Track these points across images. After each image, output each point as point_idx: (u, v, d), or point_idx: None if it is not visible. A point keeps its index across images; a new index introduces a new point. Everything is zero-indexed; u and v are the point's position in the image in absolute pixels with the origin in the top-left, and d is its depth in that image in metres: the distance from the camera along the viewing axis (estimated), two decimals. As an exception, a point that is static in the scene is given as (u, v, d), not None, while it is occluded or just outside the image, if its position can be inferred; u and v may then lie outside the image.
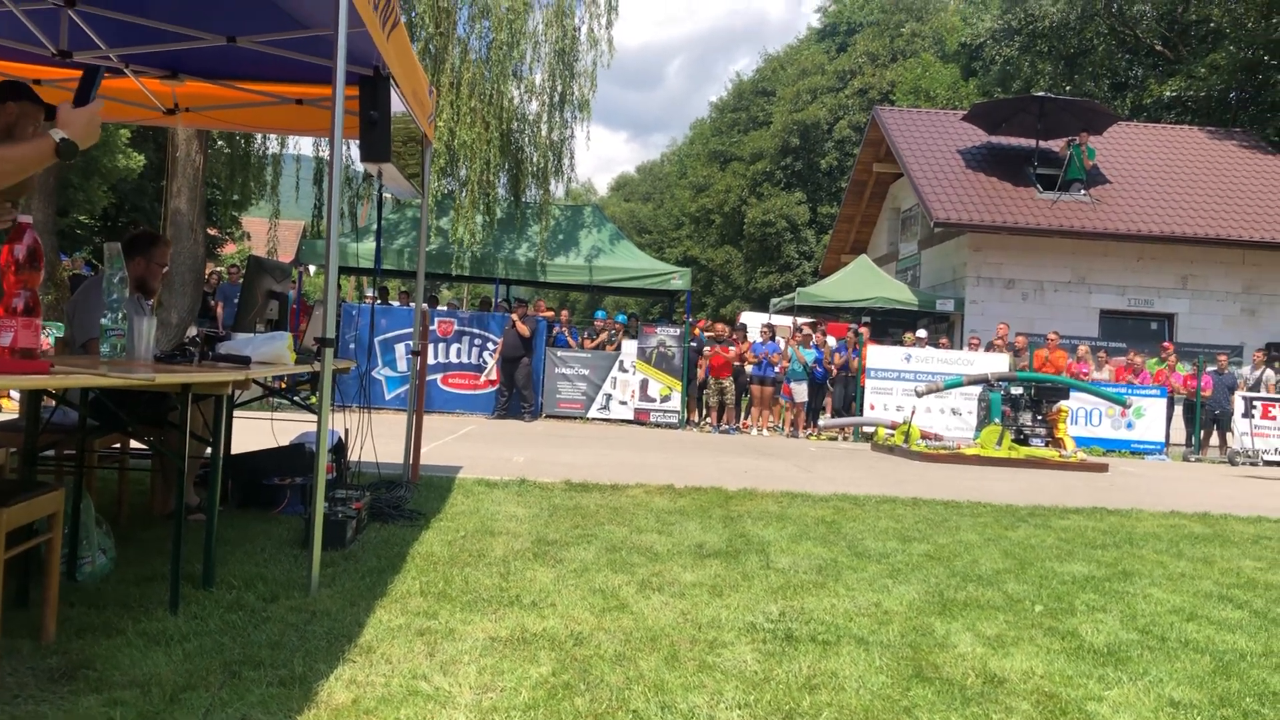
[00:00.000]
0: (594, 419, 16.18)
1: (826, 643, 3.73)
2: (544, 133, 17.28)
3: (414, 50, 6.28)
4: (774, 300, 22.67)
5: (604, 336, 16.95)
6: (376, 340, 15.46)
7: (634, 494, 7.09)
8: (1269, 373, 17.35)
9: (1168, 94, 27.87)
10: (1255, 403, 16.77)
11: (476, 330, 16.26)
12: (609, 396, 16.30)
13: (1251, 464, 16.17)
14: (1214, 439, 17.32)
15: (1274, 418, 16.82)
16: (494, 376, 15.92)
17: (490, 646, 3.46)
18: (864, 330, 17.13)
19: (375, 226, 17.33)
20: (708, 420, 16.67)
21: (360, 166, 15.55)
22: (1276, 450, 16.65)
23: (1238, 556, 6.07)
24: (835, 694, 3.17)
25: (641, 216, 62.03)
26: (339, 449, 6.30)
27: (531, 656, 3.38)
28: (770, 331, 17.35)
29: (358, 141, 5.38)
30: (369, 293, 19.10)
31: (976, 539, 6.11)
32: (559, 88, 17.02)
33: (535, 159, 17.39)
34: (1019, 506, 7.61)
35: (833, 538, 5.88)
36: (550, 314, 16.60)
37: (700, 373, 16.96)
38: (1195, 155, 22.88)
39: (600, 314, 18.18)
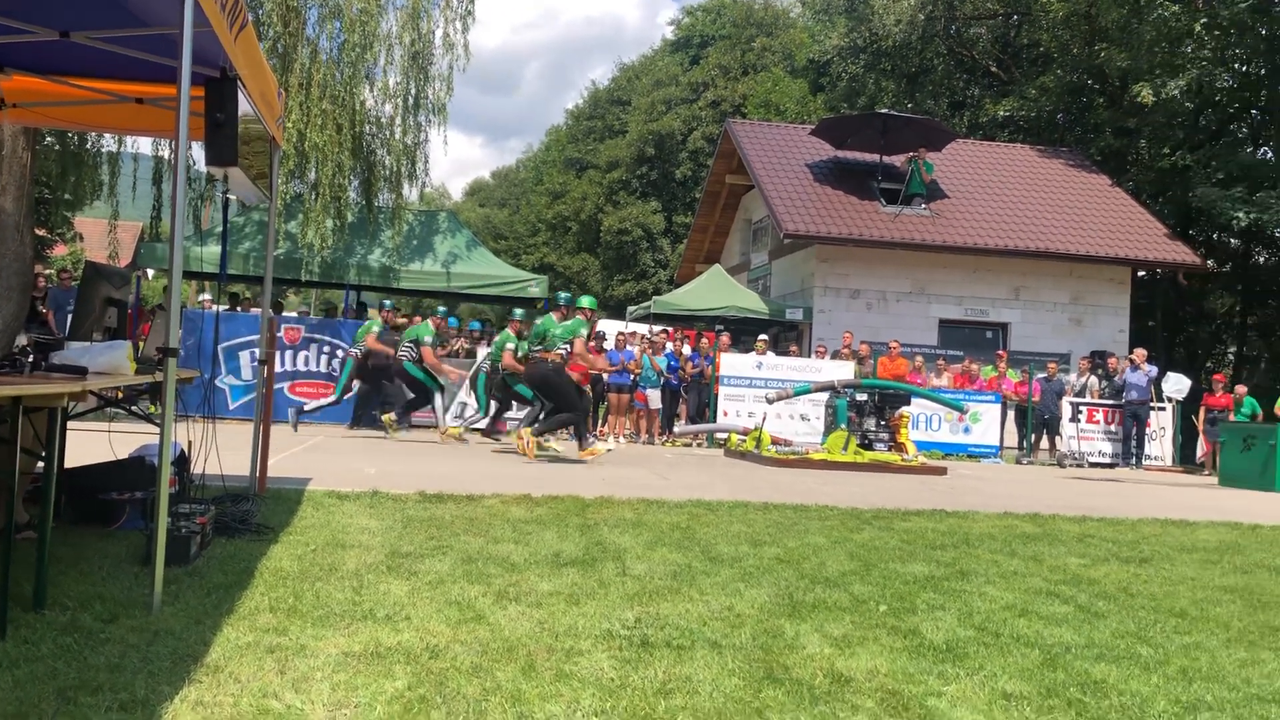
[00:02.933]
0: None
1: (681, 647, 3.80)
2: (398, 136, 17.00)
3: (261, 50, 6.11)
4: (630, 308, 22.86)
5: (457, 345, 16.76)
6: (220, 348, 14.92)
7: (490, 504, 7.06)
8: (1093, 379, 18.41)
9: (1001, 113, 29.26)
10: (1081, 407, 17.78)
11: (326, 337, 15.87)
12: (464, 405, 16.12)
13: (1078, 465, 17.13)
14: (1044, 442, 18.27)
15: (1098, 421, 17.87)
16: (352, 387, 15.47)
17: (344, 662, 3.40)
18: (726, 339, 17.42)
19: (219, 230, 16.76)
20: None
21: (203, 167, 15.01)
22: (1100, 452, 17.69)
23: (1064, 554, 6.44)
24: (690, 698, 3.23)
25: (497, 222, 61.59)
26: (181, 461, 6.08)
27: (386, 671, 3.34)
28: (626, 339, 17.49)
29: (202, 143, 5.21)
30: (204, 296, 18.38)
31: (824, 542, 6.31)
32: (414, 91, 16.76)
33: (389, 162, 17.08)
34: (864, 510, 7.88)
35: (687, 543, 5.98)
36: (404, 320, 16.31)
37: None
38: (1026, 172, 24.12)
39: (454, 322, 17.96)
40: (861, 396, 13.16)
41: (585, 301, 11.68)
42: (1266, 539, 7.77)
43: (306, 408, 14.16)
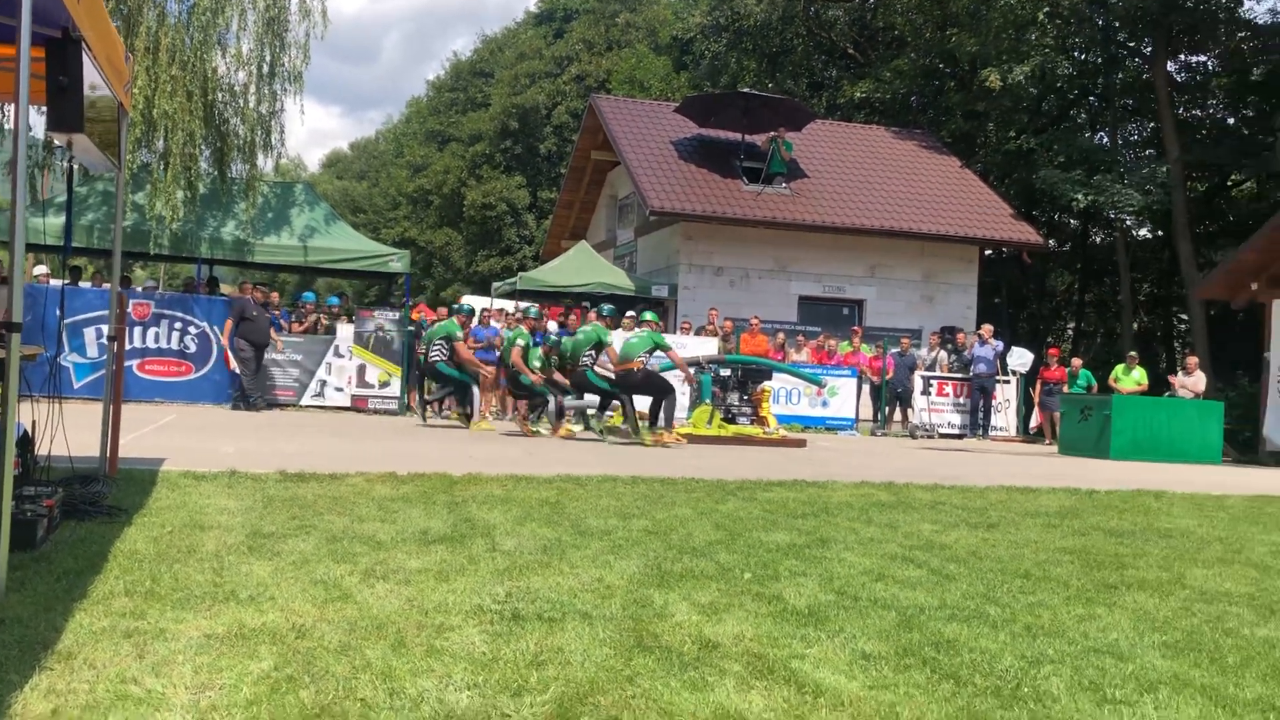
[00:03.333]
0: (308, 406, 15.61)
1: (552, 620, 3.83)
2: (252, 105, 16.39)
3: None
4: (496, 284, 22.69)
5: (313, 320, 16.36)
6: (64, 324, 14.19)
7: (354, 482, 6.94)
8: (942, 354, 19.16)
9: (858, 95, 30.04)
10: (932, 381, 18.48)
11: (178, 313, 15.28)
12: (324, 383, 15.77)
13: (929, 436, 17.82)
14: (897, 415, 18.94)
15: (947, 395, 18.61)
16: (233, 365, 14.88)
17: (206, 644, 3.32)
18: (593, 315, 17.37)
19: (60, 200, 15.89)
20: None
21: (42, 134, 14.21)
22: (950, 424, 18.43)
23: (918, 521, 6.71)
24: (562, 668, 3.27)
25: (356, 195, 60.15)
26: (25, 442, 5.78)
27: (251, 652, 3.27)
28: (490, 315, 17.36)
29: (43, 108, 4.94)
30: (40, 269, 17.41)
31: (691, 513, 6.42)
32: (269, 58, 16.18)
33: (243, 132, 16.46)
34: (728, 481, 8.05)
35: (557, 518, 6.01)
36: (260, 295, 15.80)
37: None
38: (882, 153, 24.85)
39: (310, 296, 17.49)
40: (725, 372, 13.39)
41: (650, 315, 12.90)
42: (1102, 503, 8.25)
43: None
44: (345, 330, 15.96)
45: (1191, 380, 16.49)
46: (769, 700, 3.05)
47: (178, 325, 15.24)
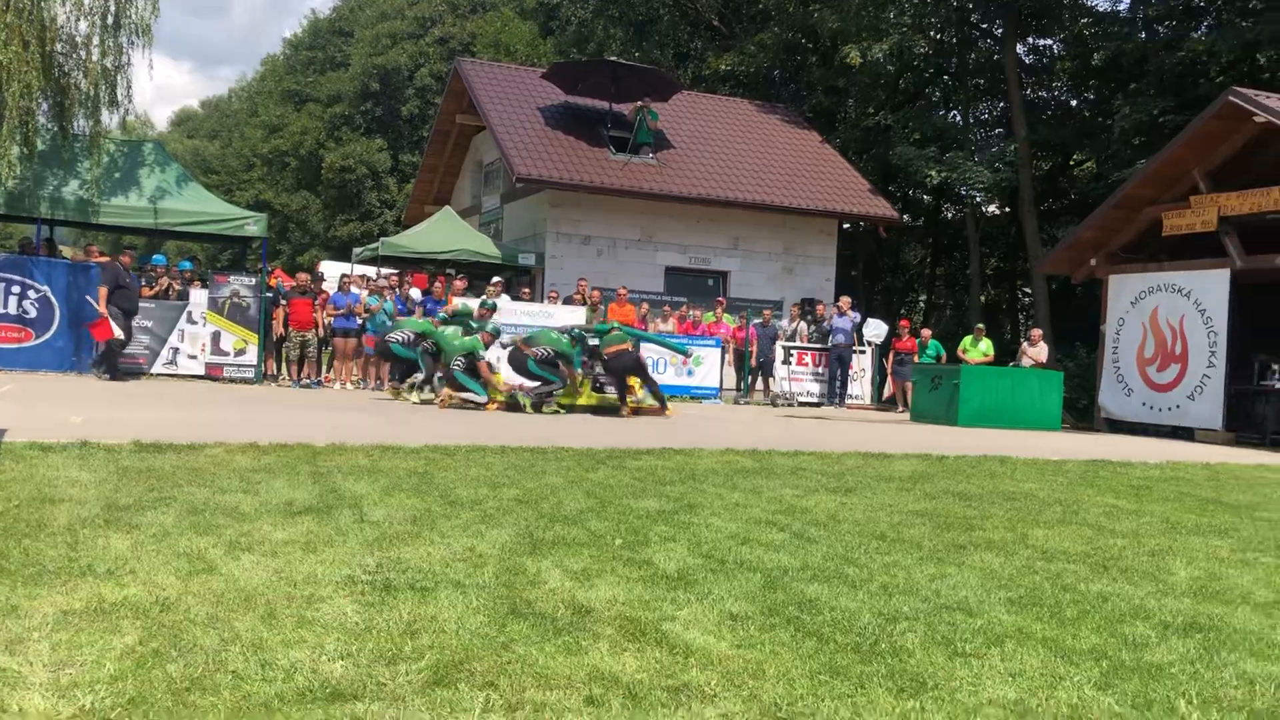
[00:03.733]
0: (160, 375, 15.03)
1: (425, 589, 3.84)
2: (96, 57, 15.52)
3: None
4: (357, 250, 22.17)
5: (164, 284, 15.71)
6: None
7: (214, 453, 6.75)
8: (803, 324, 19.64)
9: (723, 67, 30.32)
10: (792, 351, 18.94)
11: (16, 277, 14.46)
12: (176, 350, 15.20)
13: (789, 405, 18.28)
14: (759, 384, 19.36)
15: (807, 364, 19.10)
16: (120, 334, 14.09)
17: (64, 620, 3.21)
18: (460, 282, 17.15)
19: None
20: (286, 376, 16.10)
21: None
22: (809, 392, 18.94)
23: (780, 486, 6.92)
24: (436, 636, 3.29)
25: (208, 155, 57.80)
26: None
27: (113, 627, 3.18)
28: (351, 282, 16.99)
29: None
30: None
31: (561, 482, 6.48)
32: (113, 8, 15.33)
33: (85, 86, 15.58)
34: (598, 450, 8.12)
35: (425, 488, 5.98)
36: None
37: (278, 325, 16.28)
38: (746, 126, 25.19)
39: (160, 259, 16.77)
40: (594, 341, 13.45)
41: None
42: (951, 468, 8.65)
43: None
44: (199, 295, 15.39)
45: (1035, 350, 17.35)
46: (642, 661, 3.13)
47: (15, 289, 14.43)
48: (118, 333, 13.98)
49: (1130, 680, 3.19)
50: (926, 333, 19.73)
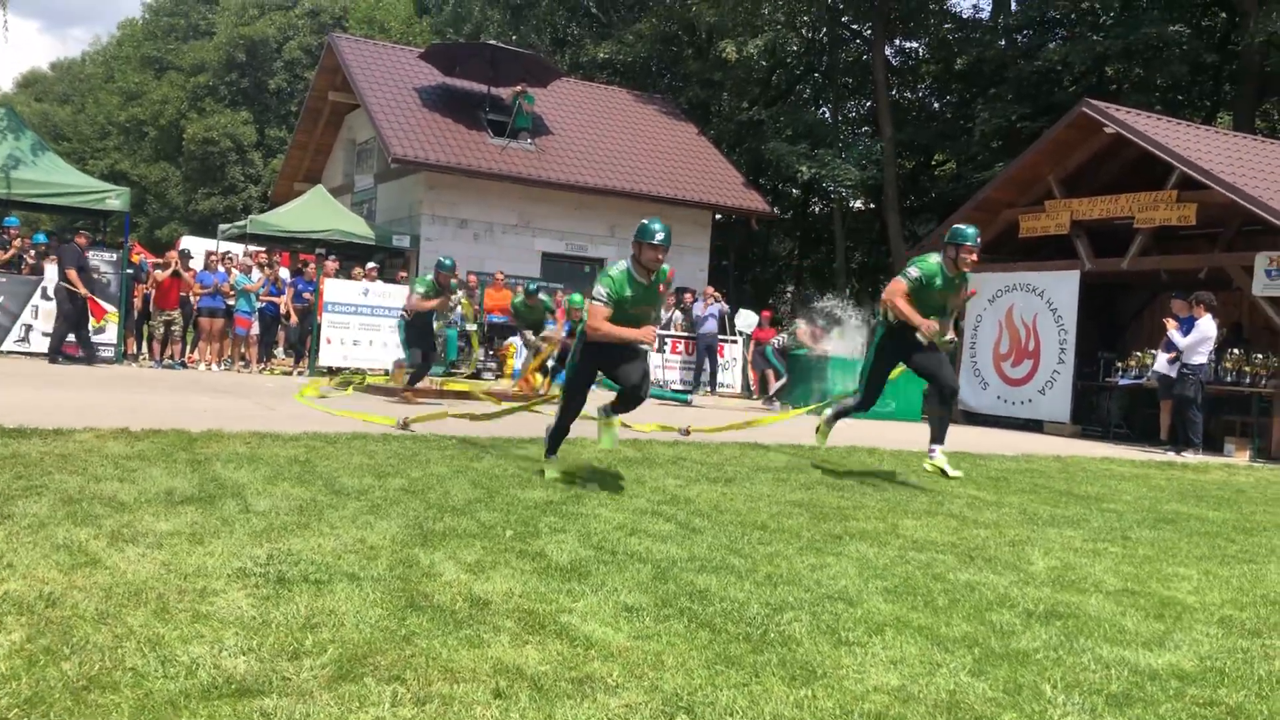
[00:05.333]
0: (11, 353, 14.32)
1: (319, 582, 3.82)
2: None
3: None
4: (223, 227, 21.48)
5: (13, 253, 14.95)
6: None
7: (83, 439, 6.52)
8: (677, 314, 19.91)
9: (601, 55, 30.37)
10: (666, 340, 19.19)
11: None
12: (29, 327, 14.50)
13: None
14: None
15: (679, 353, 19.38)
16: None
17: (-55, 619, 3.11)
18: (331, 264, 16.75)
19: None
20: (147, 355, 15.55)
21: None
22: (681, 381, 19.22)
23: (663, 476, 7.06)
24: (336, 630, 3.30)
25: (58, 121, 54.85)
26: None
27: (-1, 624, 3.09)
28: (219, 259, 16.48)
29: None
30: None
31: (447, 471, 6.48)
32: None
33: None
34: (480, 438, 8.13)
35: (309, 477, 5.91)
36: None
37: (139, 302, 15.69)
38: (624, 115, 25.31)
39: (12, 221, 15.87)
40: (471, 327, 13.40)
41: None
42: (822, 458, 8.94)
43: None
44: (54, 270, 14.72)
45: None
46: (544, 654, 3.21)
47: None
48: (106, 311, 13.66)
49: (1000, 667, 3.42)
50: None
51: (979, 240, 7.48)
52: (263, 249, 18.40)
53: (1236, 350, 14.00)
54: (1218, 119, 26.19)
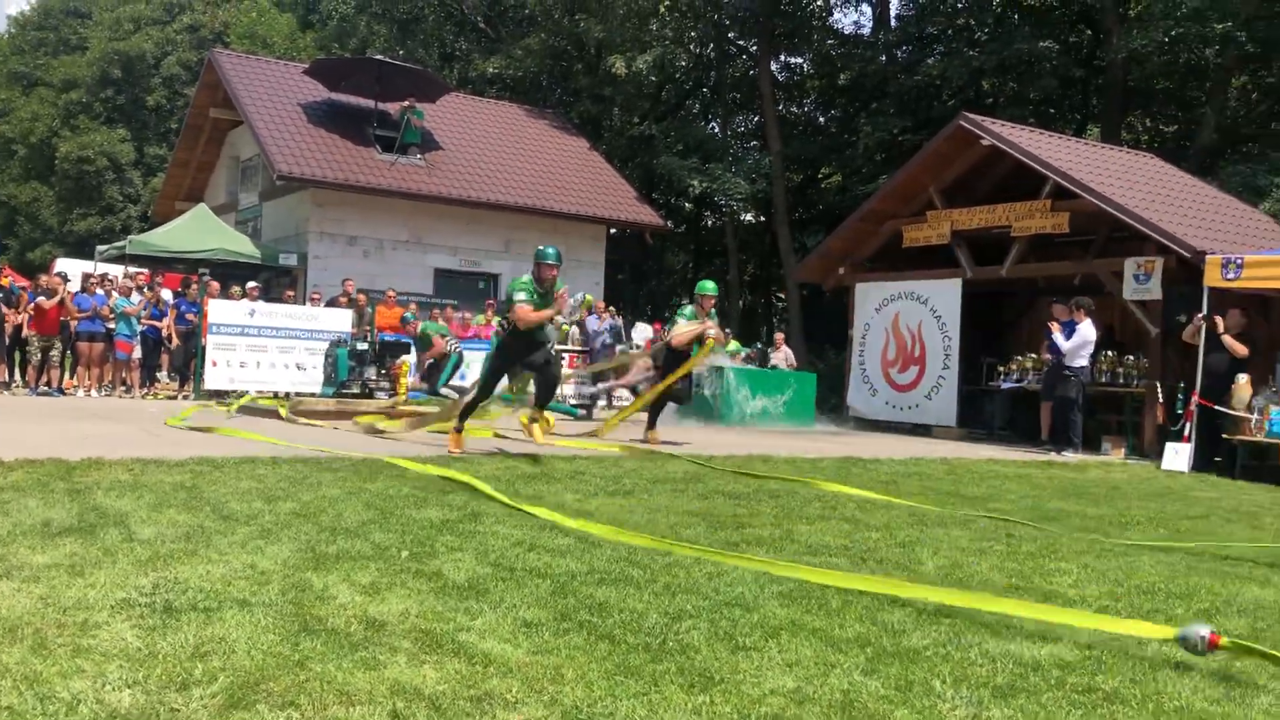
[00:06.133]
0: None
1: (208, 609, 3.73)
2: None
3: None
4: (100, 248, 20.74)
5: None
6: None
7: (-50, 471, 6.23)
8: (574, 329, 19.89)
9: (490, 70, 30.28)
10: (563, 355, 19.14)
11: None
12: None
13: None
14: (531, 387, 19.44)
15: (577, 366, 19.36)
16: None
17: None
18: (213, 284, 16.28)
19: None
20: (20, 383, 14.92)
21: None
22: (579, 395, 19.19)
23: (562, 490, 7.06)
24: (227, 658, 3.22)
25: (-84, 138, 52.33)
26: None
27: None
28: (97, 282, 15.91)
29: None
30: None
31: (339, 493, 6.37)
32: None
33: None
34: (376, 459, 8.01)
35: (196, 503, 5.75)
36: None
37: (9, 327, 15.06)
38: (515, 130, 25.26)
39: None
40: (362, 345, 13.19)
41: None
42: (720, 467, 9.04)
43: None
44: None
45: (781, 354, 18.33)
46: (442, 673, 3.18)
47: None
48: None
49: (892, 665, 3.51)
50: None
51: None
52: (144, 270, 17.83)
53: (1110, 352, 14.61)
54: (1087, 131, 27.34)
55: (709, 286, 11.89)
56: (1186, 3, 20.28)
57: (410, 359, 14.53)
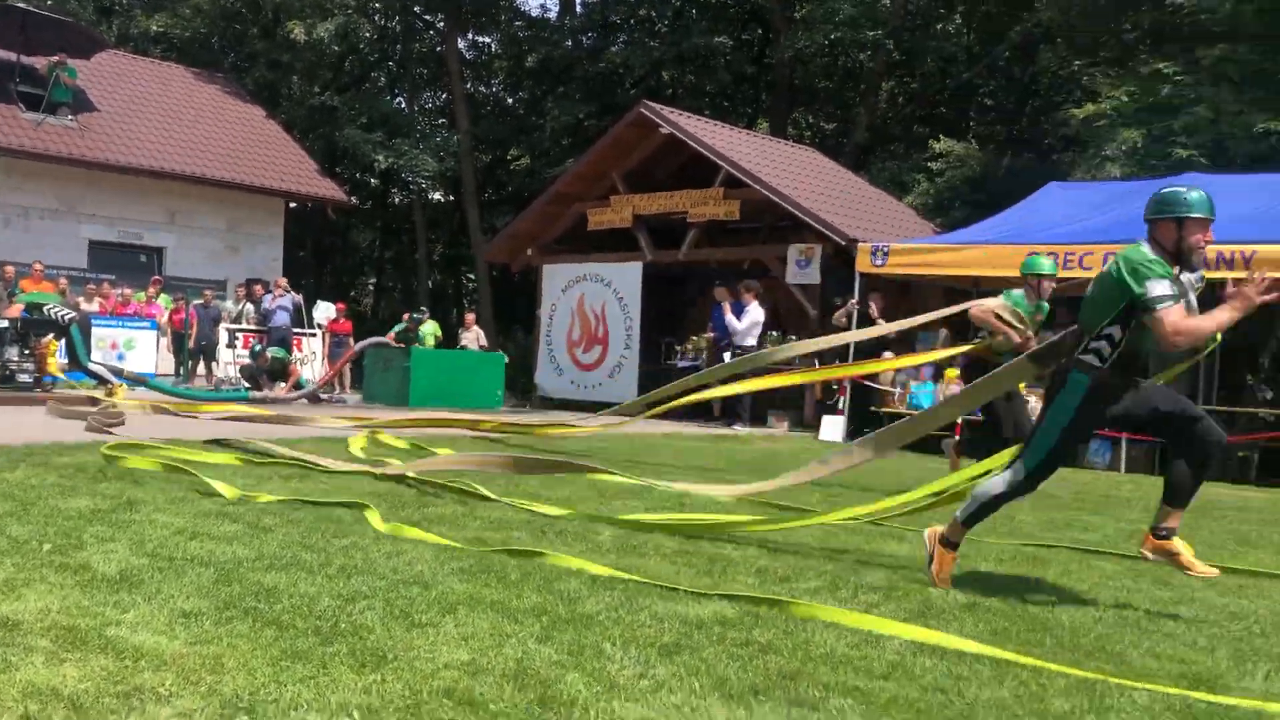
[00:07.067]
0: None
1: None
2: None
3: None
4: None
5: None
6: None
7: None
8: (249, 306, 18.88)
9: (155, 28, 28.09)
10: (238, 334, 18.15)
11: None
12: None
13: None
14: (201, 368, 18.31)
15: (252, 346, 18.40)
16: None
17: None
18: None
19: None
20: None
21: None
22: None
23: (231, 475, 6.68)
24: None
25: None
26: None
27: None
28: None
29: None
30: None
31: (-32, 485, 5.72)
32: None
33: None
34: (15, 446, 7.27)
35: None
36: None
37: None
38: (182, 94, 23.54)
39: None
40: (2, 324, 11.89)
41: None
42: (390, 447, 8.91)
43: None
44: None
45: (471, 335, 18.31)
46: (84, 670, 2.94)
47: None
48: None
49: (566, 631, 3.60)
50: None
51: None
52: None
53: (775, 332, 15.66)
54: (758, 124, 29.10)
55: (1044, 264, 7.89)
56: (843, 10, 22.00)
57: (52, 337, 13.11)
